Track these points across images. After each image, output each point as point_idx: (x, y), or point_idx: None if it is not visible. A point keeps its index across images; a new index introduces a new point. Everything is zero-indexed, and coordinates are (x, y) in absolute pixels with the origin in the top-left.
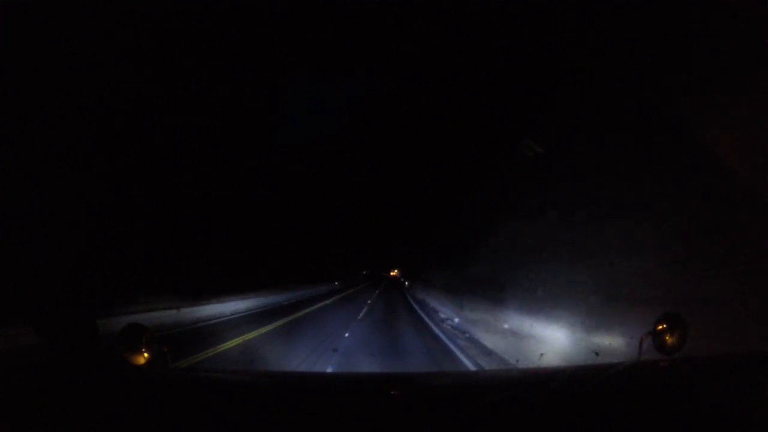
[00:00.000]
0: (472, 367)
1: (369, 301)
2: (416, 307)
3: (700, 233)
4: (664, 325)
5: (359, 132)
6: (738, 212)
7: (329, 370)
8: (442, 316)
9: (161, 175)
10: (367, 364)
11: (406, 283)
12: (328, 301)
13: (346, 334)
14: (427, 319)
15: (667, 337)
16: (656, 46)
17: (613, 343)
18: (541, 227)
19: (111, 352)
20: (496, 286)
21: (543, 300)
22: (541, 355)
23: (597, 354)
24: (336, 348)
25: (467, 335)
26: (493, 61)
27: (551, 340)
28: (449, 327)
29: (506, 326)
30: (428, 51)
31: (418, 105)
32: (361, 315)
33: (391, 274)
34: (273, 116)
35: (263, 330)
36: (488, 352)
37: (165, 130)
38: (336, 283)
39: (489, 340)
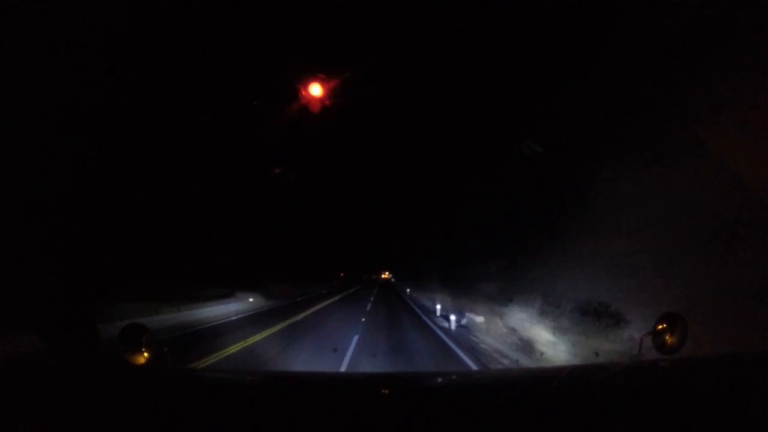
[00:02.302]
0: None
1: None
2: None
3: (701, 233)
4: (664, 325)
5: (349, 127)
6: (738, 212)
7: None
8: None
9: (154, 176)
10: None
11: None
12: None
13: None
14: None
15: (667, 337)
16: (658, 46)
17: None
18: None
19: (111, 352)
20: None
21: None
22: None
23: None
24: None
25: None
26: (493, 61)
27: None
28: None
29: None
30: (427, 51)
31: (411, 102)
32: None
33: (383, 276)
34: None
35: None
36: None
37: (162, 131)
38: (251, 299)
39: None
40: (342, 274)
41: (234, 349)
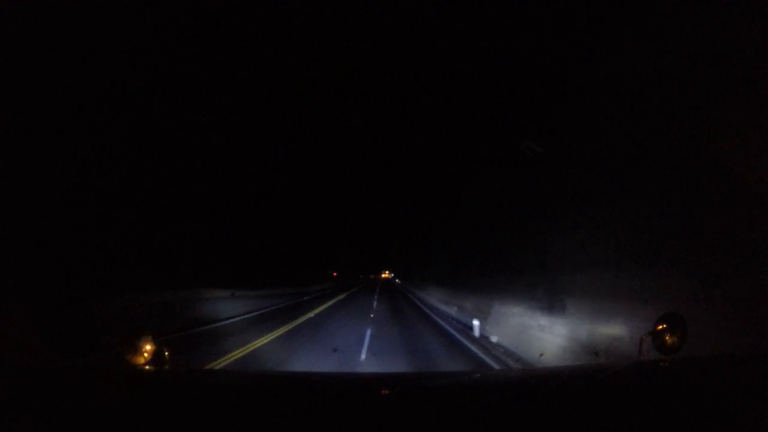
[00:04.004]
0: None
1: None
2: None
3: (701, 233)
4: (664, 325)
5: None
6: (738, 212)
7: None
8: None
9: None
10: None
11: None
12: None
13: None
14: None
15: (667, 337)
16: (658, 45)
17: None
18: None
19: (111, 352)
20: None
21: None
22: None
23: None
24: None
25: None
26: (493, 61)
27: None
28: None
29: None
30: (426, 49)
31: (410, 100)
32: None
33: (383, 276)
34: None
35: None
36: None
37: (159, 130)
38: None
39: None
40: (335, 274)
41: None
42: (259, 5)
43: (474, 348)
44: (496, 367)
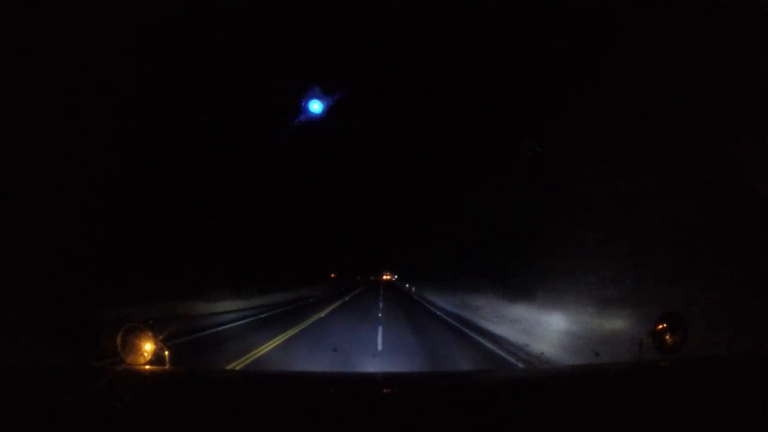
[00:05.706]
0: None
1: None
2: None
3: (701, 234)
4: (664, 325)
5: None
6: (738, 213)
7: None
8: None
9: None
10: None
11: None
12: None
13: None
14: None
15: (667, 337)
16: (658, 46)
17: None
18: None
19: (111, 353)
20: None
21: None
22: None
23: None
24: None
25: None
26: (494, 61)
27: None
28: None
29: None
30: (427, 50)
31: (411, 101)
32: None
33: (384, 277)
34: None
35: None
36: None
37: (156, 132)
38: None
39: None
40: (333, 275)
41: None
42: (258, 5)
43: None
44: None
